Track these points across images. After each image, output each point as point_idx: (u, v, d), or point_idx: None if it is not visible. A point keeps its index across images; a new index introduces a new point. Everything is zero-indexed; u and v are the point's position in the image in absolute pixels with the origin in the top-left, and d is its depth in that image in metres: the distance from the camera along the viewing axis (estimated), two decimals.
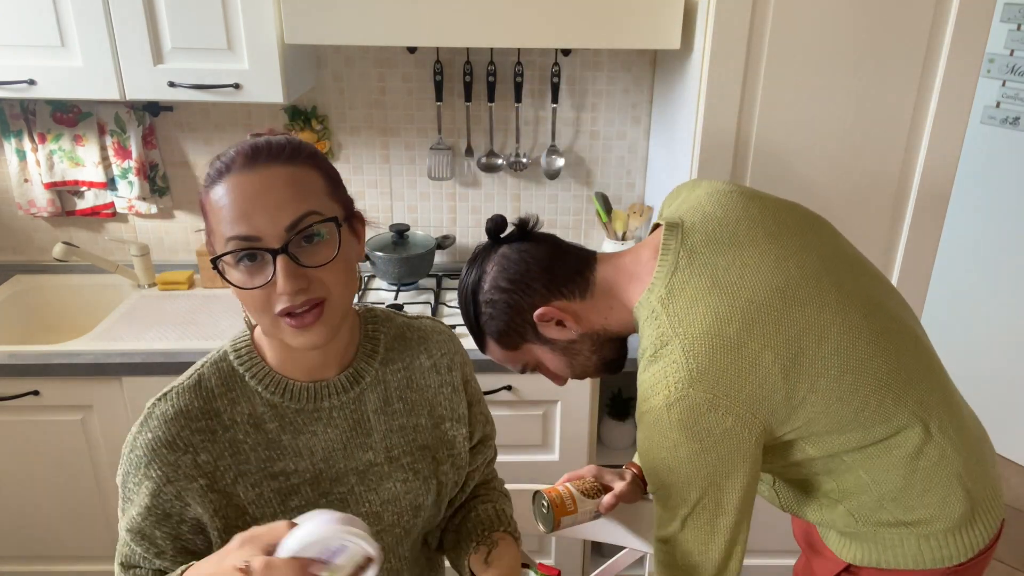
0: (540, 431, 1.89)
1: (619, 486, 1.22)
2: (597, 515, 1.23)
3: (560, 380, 1.20)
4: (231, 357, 0.91)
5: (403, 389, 0.99)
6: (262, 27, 1.68)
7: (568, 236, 2.26)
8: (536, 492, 1.22)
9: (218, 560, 0.72)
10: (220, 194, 0.79)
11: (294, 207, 0.79)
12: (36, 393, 1.76)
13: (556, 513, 1.18)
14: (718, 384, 0.94)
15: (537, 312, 1.08)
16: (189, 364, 1.70)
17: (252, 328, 0.94)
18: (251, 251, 0.79)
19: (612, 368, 1.17)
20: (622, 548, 1.39)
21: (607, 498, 1.20)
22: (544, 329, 1.10)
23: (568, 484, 1.21)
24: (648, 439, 1.01)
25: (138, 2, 1.65)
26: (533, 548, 2.02)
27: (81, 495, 1.90)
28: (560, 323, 1.08)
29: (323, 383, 0.93)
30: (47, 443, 1.83)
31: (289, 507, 0.90)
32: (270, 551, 0.68)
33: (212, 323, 1.90)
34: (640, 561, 1.40)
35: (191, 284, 2.11)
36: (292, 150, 0.82)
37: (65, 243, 1.96)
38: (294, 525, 0.70)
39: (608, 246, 2.16)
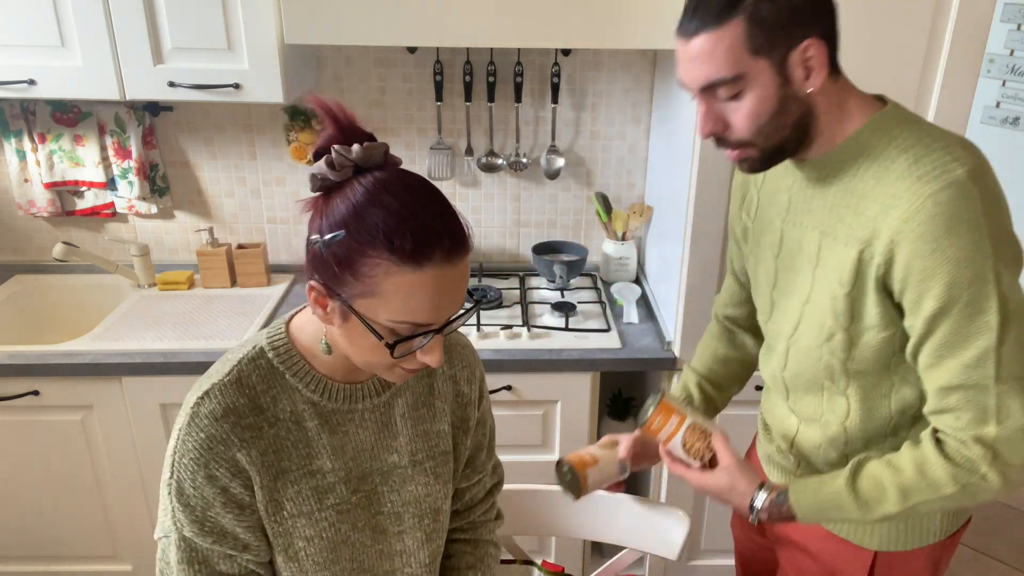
0: (540, 431, 1.89)
1: (627, 437, 1.26)
2: (624, 468, 1.22)
3: (723, 128, 0.97)
4: (269, 354, 0.90)
5: (426, 395, 1.01)
6: (262, 27, 1.68)
7: (568, 236, 2.26)
8: (556, 464, 1.23)
9: None
10: (416, 281, 0.77)
11: (463, 297, 0.84)
12: (36, 393, 1.76)
13: (578, 467, 1.17)
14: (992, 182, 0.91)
15: (808, 41, 0.91)
16: (189, 364, 1.72)
17: (288, 324, 0.94)
18: (423, 334, 0.81)
19: (780, 155, 0.99)
20: (622, 548, 1.40)
21: (622, 444, 1.23)
22: (793, 61, 0.91)
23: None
24: (944, 235, 0.88)
25: (138, 2, 1.65)
26: (534, 548, 2.02)
27: (81, 495, 1.90)
28: (808, 70, 0.93)
29: (358, 385, 0.94)
30: (47, 443, 1.83)
31: (325, 505, 0.92)
32: None
33: (212, 323, 1.90)
34: (640, 561, 1.40)
35: (191, 284, 2.11)
36: (470, 238, 0.84)
37: (65, 243, 1.96)
38: None
39: (608, 246, 2.16)
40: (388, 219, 0.76)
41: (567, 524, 1.40)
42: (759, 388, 1.83)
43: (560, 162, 2.13)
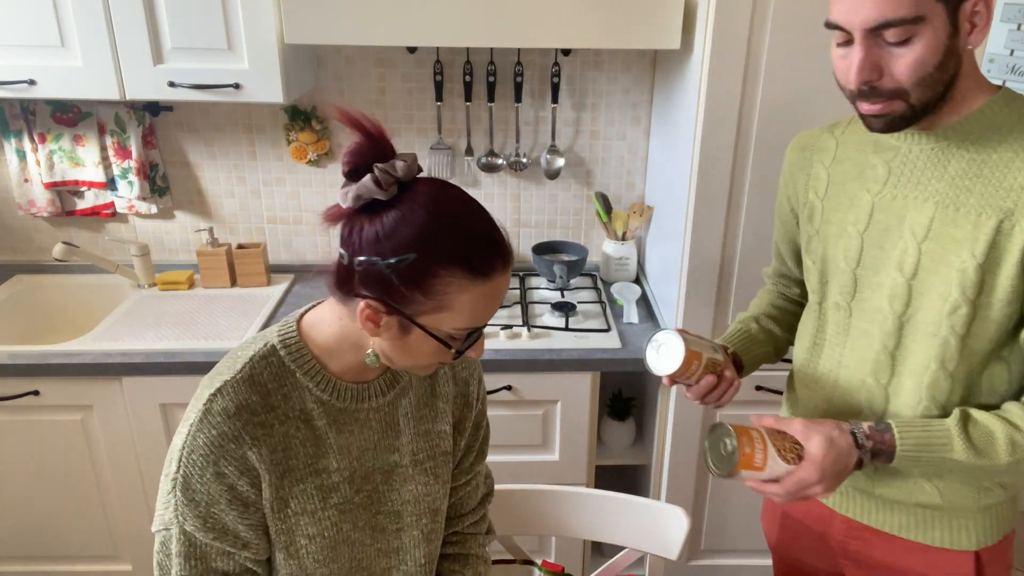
0: (540, 431, 1.89)
1: None
2: (717, 358, 1.13)
3: (878, 75, 0.92)
4: (281, 352, 0.91)
5: (429, 395, 1.02)
6: (262, 27, 1.68)
7: (568, 236, 2.26)
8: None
9: None
10: (483, 292, 0.82)
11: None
12: (36, 393, 1.76)
13: (685, 343, 1.08)
14: None
15: None
16: (189, 364, 1.72)
17: (299, 322, 0.94)
18: (477, 334, 0.88)
19: (923, 113, 0.95)
20: (622, 548, 1.39)
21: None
22: (964, 12, 0.90)
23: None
24: None
25: (138, 2, 1.65)
26: (534, 548, 2.02)
27: (81, 495, 1.90)
28: (973, 25, 0.91)
29: (365, 385, 0.94)
30: (47, 443, 1.83)
31: (329, 504, 0.92)
32: None
33: (212, 323, 1.90)
34: (640, 561, 1.40)
35: (191, 284, 2.11)
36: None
37: (65, 243, 1.96)
38: None
39: (608, 246, 2.16)
40: (457, 240, 0.79)
41: (567, 524, 1.40)
42: (759, 388, 1.84)
43: (560, 162, 2.13)
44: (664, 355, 1.10)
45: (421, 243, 0.78)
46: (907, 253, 1.00)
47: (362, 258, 0.79)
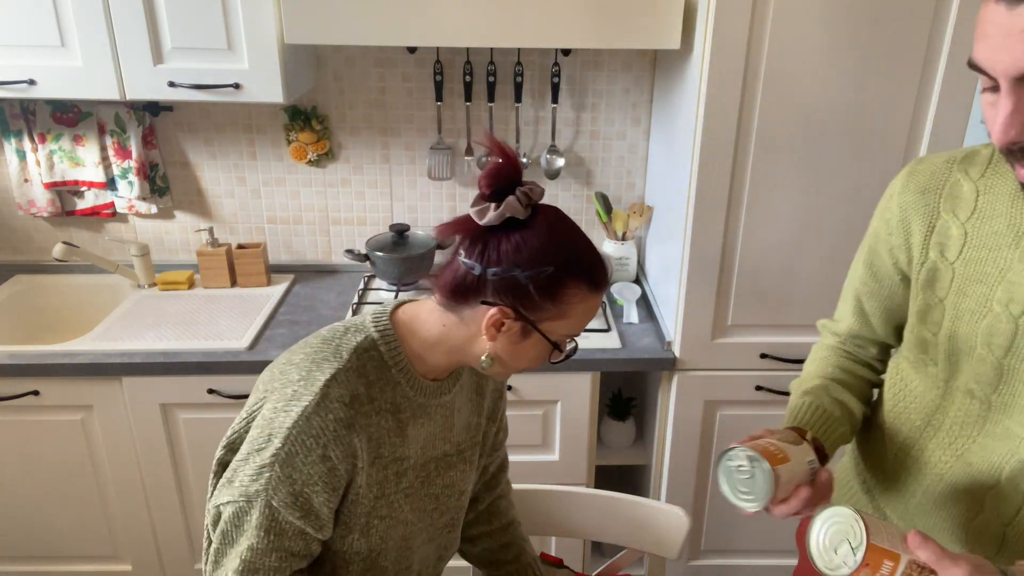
0: (540, 431, 1.89)
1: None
2: (814, 466, 0.90)
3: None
4: (381, 347, 0.97)
5: (475, 392, 1.10)
6: (262, 27, 1.68)
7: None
8: (725, 455, 0.87)
9: None
10: (595, 302, 0.95)
11: None
12: (36, 393, 1.76)
13: (772, 463, 0.83)
14: None
15: None
16: (189, 364, 1.72)
17: (392, 317, 1.00)
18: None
19: None
20: (622, 548, 1.40)
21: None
22: None
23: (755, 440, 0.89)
24: None
25: (138, 2, 1.65)
26: (534, 545, 2.01)
27: (81, 495, 1.90)
28: None
29: (438, 383, 1.02)
30: (47, 443, 1.83)
31: (399, 488, 0.99)
32: None
33: (212, 323, 1.90)
34: (640, 561, 1.40)
35: (191, 284, 2.11)
36: None
37: (65, 243, 1.96)
38: None
39: (608, 246, 2.16)
40: (583, 257, 0.93)
41: (567, 524, 1.40)
42: (759, 388, 1.84)
43: (560, 162, 2.13)
44: (756, 485, 0.84)
45: (556, 257, 0.90)
46: None
47: (497, 269, 0.88)
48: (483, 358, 0.94)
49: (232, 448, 0.96)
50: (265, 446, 0.89)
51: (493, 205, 0.87)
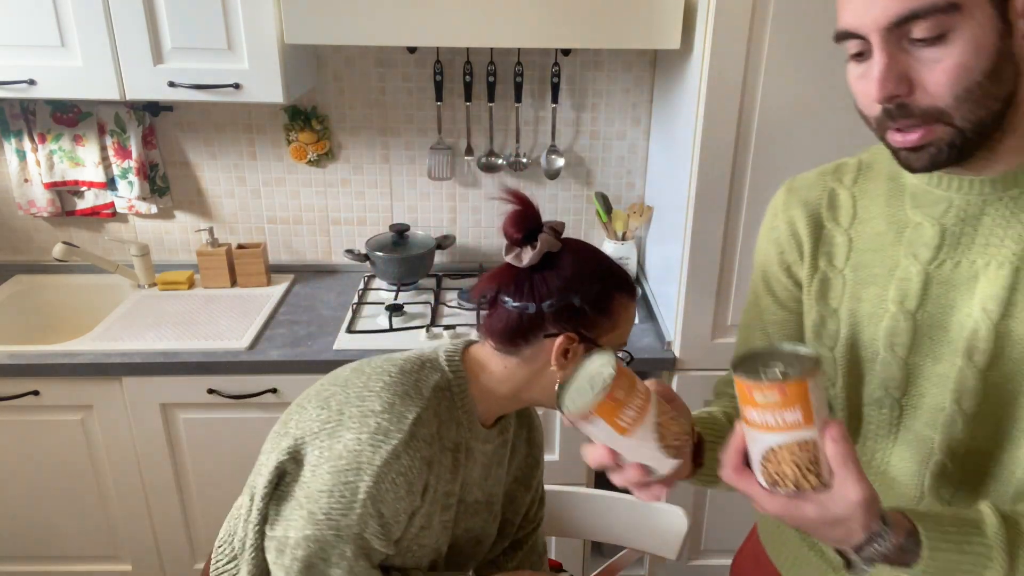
0: None
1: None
2: (669, 458, 0.77)
3: (908, 89, 0.71)
4: (454, 388, 1.00)
5: (512, 450, 1.13)
6: (262, 27, 1.68)
7: (568, 236, 2.26)
8: (604, 354, 0.77)
9: None
10: (632, 307, 1.01)
11: None
12: (36, 393, 1.76)
13: (605, 407, 0.72)
14: None
15: None
16: (189, 364, 1.72)
17: (463, 360, 1.03)
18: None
19: (975, 142, 0.72)
20: (622, 548, 1.40)
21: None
22: (1018, 5, 0.70)
23: (655, 395, 0.78)
24: None
25: (138, 2, 1.65)
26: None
27: (81, 495, 1.90)
28: None
29: (488, 430, 1.05)
30: (47, 443, 1.83)
31: (441, 520, 1.02)
32: None
33: (212, 323, 1.90)
34: (640, 561, 1.40)
35: (191, 284, 2.11)
36: None
37: (65, 243, 1.96)
38: None
39: (608, 246, 2.16)
40: (615, 269, 0.99)
41: (567, 524, 1.40)
42: None
43: (560, 162, 2.13)
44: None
45: (597, 275, 0.97)
46: (980, 332, 0.78)
47: (552, 300, 0.94)
48: (557, 387, 0.92)
49: (296, 458, 0.95)
50: (354, 480, 0.90)
51: (528, 247, 0.94)
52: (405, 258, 2.05)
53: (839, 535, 0.71)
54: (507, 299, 0.96)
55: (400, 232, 2.10)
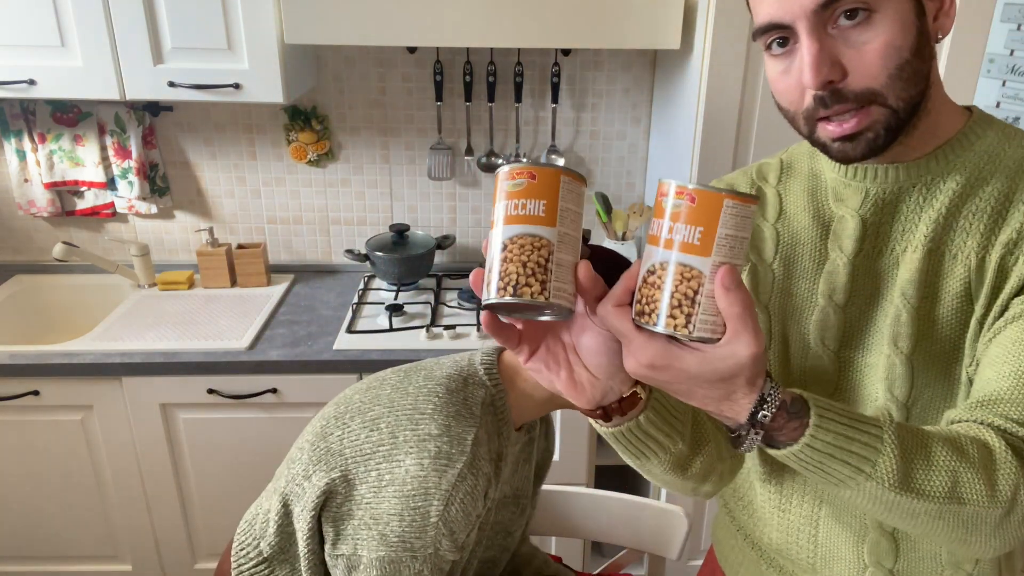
0: None
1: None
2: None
3: (841, 74, 0.69)
4: (497, 403, 1.00)
5: (544, 440, 1.15)
6: (262, 27, 1.68)
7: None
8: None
9: None
10: None
11: None
12: (36, 393, 1.76)
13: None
14: None
15: None
16: (189, 364, 1.72)
17: (500, 372, 1.01)
18: None
19: (907, 122, 0.72)
20: (622, 548, 1.40)
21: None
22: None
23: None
24: None
25: (138, 2, 1.65)
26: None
27: (81, 495, 1.90)
28: (941, 3, 0.73)
29: (519, 432, 1.04)
30: (47, 443, 1.83)
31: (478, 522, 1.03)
32: None
33: (212, 323, 1.90)
34: (640, 561, 1.40)
35: (191, 284, 2.11)
36: None
37: (65, 243, 1.96)
38: None
39: (608, 246, 2.16)
40: (624, 262, 0.90)
41: (567, 524, 1.40)
42: None
43: (560, 162, 2.13)
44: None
45: (620, 269, 0.90)
46: (904, 321, 0.78)
47: None
48: None
49: (347, 479, 0.94)
50: (423, 505, 0.91)
51: None
52: (405, 258, 2.05)
53: (718, 396, 0.63)
54: None
55: (400, 232, 2.10)
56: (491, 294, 0.63)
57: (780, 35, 0.71)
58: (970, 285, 0.75)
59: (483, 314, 0.67)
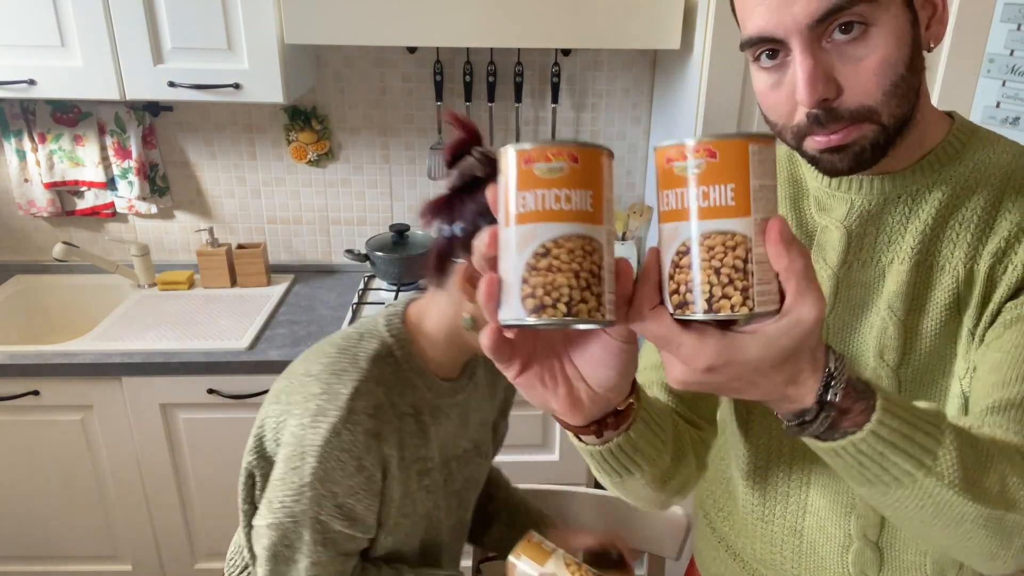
0: (540, 431, 1.89)
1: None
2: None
3: (836, 91, 0.67)
4: (396, 352, 0.97)
5: (487, 389, 1.12)
6: (262, 27, 1.68)
7: None
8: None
9: None
10: None
11: None
12: (36, 393, 1.76)
13: None
14: None
15: None
16: (189, 364, 1.72)
17: (404, 320, 1.00)
18: None
19: (896, 137, 0.70)
20: None
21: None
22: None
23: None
24: None
25: (138, 2, 1.65)
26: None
27: (81, 495, 1.90)
28: (933, 8, 0.72)
29: (453, 383, 1.02)
30: (47, 443, 1.83)
31: (422, 486, 1.01)
32: None
33: (212, 323, 1.90)
34: (640, 561, 1.40)
35: (191, 284, 2.11)
36: None
37: (65, 243, 1.96)
38: None
39: None
40: None
41: (567, 524, 1.40)
42: None
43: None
44: None
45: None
46: (889, 336, 0.76)
47: (465, 223, 0.88)
48: (464, 317, 0.93)
49: (262, 455, 0.96)
50: (300, 464, 0.90)
51: (455, 170, 0.91)
52: (405, 258, 2.05)
53: (783, 380, 0.53)
54: (439, 226, 0.92)
55: (400, 232, 2.10)
56: (524, 312, 0.49)
57: (770, 47, 0.67)
58: (958, 296, 0.74)
59: (490, 336, 0.53)
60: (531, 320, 0.48)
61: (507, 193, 0.49)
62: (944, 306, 0.74)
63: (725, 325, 0.52)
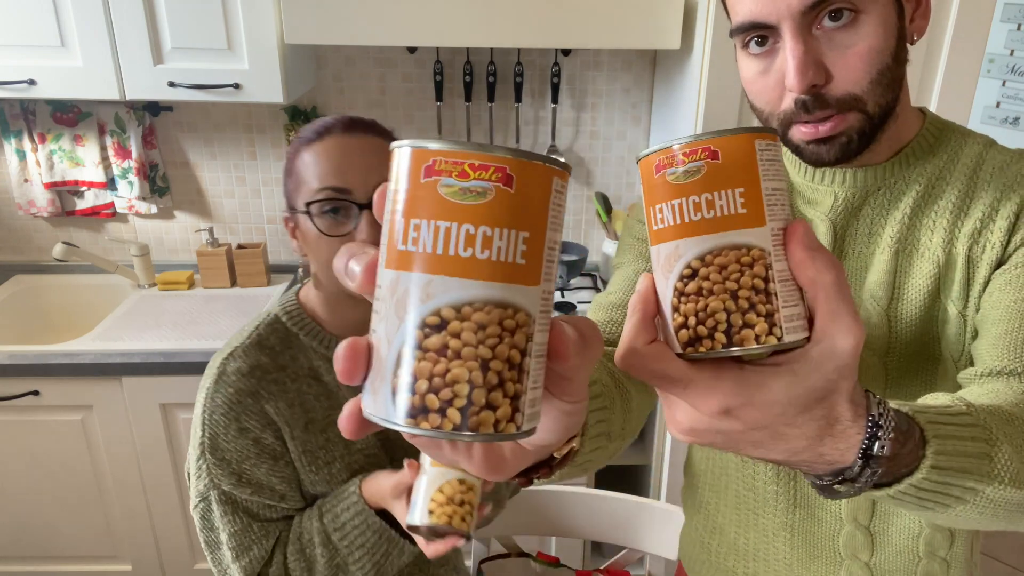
0: None
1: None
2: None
3: (825, 78, 0.68)
4: (284, 319, 1.00)
5: None
6: (262, 27, 1.68)
7: (568, 236, 2.26)
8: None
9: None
10: (320, 150, 0.92)
11: (383, 171, 0.91)
12: (36, 393, 1.76)
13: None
14: None
15: None
16: (189, 364, 1.72)
17: (297, 293, 1.04)
18: (341, 203, 0.91)
19: (880, 127, 0.72)
20: (622, 548, 1.40)
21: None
22: None
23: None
24: None
25: (138, 2, 1.65)
26: (533, 548, 2.01)
27: (81, 495, 1.90)
28: (918, 3, 0.73)
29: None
30: (47, 443, 1.83)
31: (353, 450, 1.01)
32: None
33: (212, 323, 1.90)
34: (640, 561, 1.41)
35: (191, 284, 2.11)
36: (384, 129, 0.98)
37: (65, 243, 1.96)
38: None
39: (608, 246, 2.16)
40: (310, 126, 0.95)
41: (567, 524, 1.40)
42: None
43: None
44: None
45: (293, 145, 0.97)
46: (872, 324, 0.77)
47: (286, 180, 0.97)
48: (312, 275, 1.00)
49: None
50: (193, 442, 0.94)
51: None
52: None
53: (816, 431, 0.43)
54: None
55: None
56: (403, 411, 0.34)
57: (760, 34, 0.69)
58: (939, 280, 0.75)
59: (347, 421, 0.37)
60: (409, 428, 0.34)
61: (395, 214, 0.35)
62: (926, 292, 0.75)
63: (743, 363, 0.43)
